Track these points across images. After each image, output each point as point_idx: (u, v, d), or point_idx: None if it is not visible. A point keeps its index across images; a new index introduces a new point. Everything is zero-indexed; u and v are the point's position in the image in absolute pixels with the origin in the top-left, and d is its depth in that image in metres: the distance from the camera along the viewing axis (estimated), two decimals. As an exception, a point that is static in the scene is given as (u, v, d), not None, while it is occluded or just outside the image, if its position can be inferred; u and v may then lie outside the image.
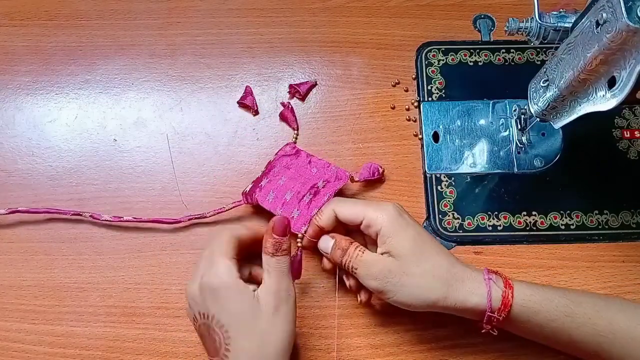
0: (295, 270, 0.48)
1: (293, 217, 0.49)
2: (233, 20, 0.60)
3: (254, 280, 0.46)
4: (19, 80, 0.58)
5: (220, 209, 0.52)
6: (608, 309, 0.44)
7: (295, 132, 0.55)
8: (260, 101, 0.57)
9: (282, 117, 0.56)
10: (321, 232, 0.48)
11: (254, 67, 0.58)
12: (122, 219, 0.52)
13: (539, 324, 0.43)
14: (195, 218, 0.52)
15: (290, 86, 0.57)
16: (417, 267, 0.43)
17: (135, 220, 0.52)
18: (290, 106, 0.56)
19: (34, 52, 0.59)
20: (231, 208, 0.52)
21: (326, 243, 0.47)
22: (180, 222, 0.52)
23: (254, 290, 0.42)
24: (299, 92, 0.57)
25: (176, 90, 0.58)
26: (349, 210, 0.46)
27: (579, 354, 0.46)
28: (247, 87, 0.57)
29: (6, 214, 0.52)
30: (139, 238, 0.52)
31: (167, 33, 0.59)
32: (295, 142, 0.55)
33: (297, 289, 0.50)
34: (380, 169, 0.53)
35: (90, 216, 0.52)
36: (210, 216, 0.52)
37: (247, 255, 0.46)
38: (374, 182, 0.54)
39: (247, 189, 0.52)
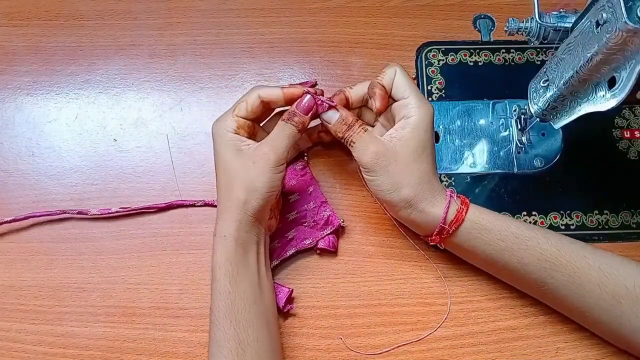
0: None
1: (271, 247, 0.50)
2: (233, 20, 0.60)
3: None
4: (19, 80, 0.58)
5: (213, 200, 0.53)
6: (558, 239, 0.45)
7: (306, 154, 0.55)
8: (260, 101, 0.57)
9: None
10: (346, 103, 0.49)
11: (254, 67, 0.58)
12: (110, 210, 0.52)
13: (488, 242, 0.45)
14: (186, 205, 0.53)
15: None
16: (410, 163, 0.45)
17: (123, 210, 0.52)
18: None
19: (34, 52, 0.59)
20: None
21: (331, 115, 0.48)
22: (171, 205, 0.53)
23: (249, 145, 0.46)
24: (299, 92, 0.57)
25: (176, 90, 0.58)
26: (406, 82, 0.47)
27: (520, 282, 0.48)
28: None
29: (22, 219, 0.52)
30: (138, 238, 0.52)
31: (167, 33, 0.59)
32: (307, 161, 0.55)
33: (296, 289, 0.50)
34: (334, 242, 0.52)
35: (78, 212, 0.52)
36: (199, 206, 0.53)
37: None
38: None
39: None
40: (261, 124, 0.50)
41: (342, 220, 0.51)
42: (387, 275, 0.51)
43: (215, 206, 0.51)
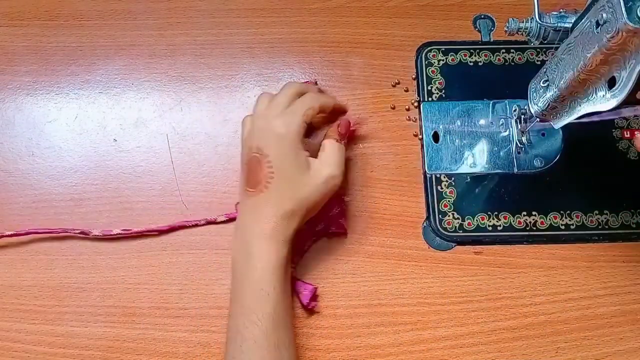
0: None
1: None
2: (233, 20, 0.60)
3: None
4: (19, 80, 0.58)
5: (215, 218, 0.53)
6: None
7: None
8: (260, 101, 0.57)
9: None
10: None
11: (254, 67, 0.58)
12: (111, 232, 0.52)
13: None
14: (188, 226, 0.53)
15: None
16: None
17: (125, 233, 0.52)
18: None
19: (34, 52, 0.59)
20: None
21: None
22: (173, 227, 0.53)
23: (308, 156, 0.47)
24: (299, 92, 0.57)
25: (176, 90, 0.58)
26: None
27: None
28: None
29: (24, 234, 0.52)
30: (139, 238, 0.52)
31: (167, 33, 0.59)
32: None
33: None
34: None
35: (80, 232, 0.52)
36: (201, 225, 0.53)
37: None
38: (372, 181, 0.54)
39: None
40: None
41: (346, 196, 0.52)
42: (387, 275, 0.51)
43: (216, 223, 0.52)
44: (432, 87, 0.57)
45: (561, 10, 0.44)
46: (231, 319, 0.45)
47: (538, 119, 0.48)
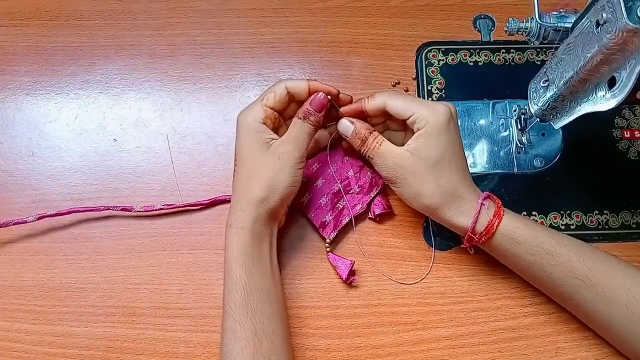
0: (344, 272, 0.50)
1: (325, 221, 0.51)
2: (233, 20, 0.60)
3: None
4: (19, 80, 0.58)
5: None
6: (591, 256, 0.45)
7: None
8: (260, 101, 0.57)
9: None
10: (361, 114, 0.49)
11: (254, 67, 0.58)
12: (154, 207, 0.52)
13: (517, 254, 0.45)
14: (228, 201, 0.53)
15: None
16: (428, 173, 0.45)
17: (167, 207, 0.52)
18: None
19: (34, 52, 0.59)
20: None
21: (346, 127, 0.49)
22: (215, 202, 0.53)
23: (274, 139, 0.47)
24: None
25: (176, 90, 0.58)
26: (400, 105, 0.46)
27: (551, 293, 0.48)
28: None
29: (35, 220, 0.51)
30: (138, 238, 0.52)
31: (167, 33, 0.59)
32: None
33: (296, 289, 0.50)
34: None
35: (122, 209, 0.52)
36: None
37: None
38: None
39: None
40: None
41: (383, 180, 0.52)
42: (387, 275, 0.51)
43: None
44: (432, 87, 0.57)
45: (561, 10, 0.44)
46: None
47: (538, 119, 0.48)
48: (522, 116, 0.53)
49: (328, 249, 0.51)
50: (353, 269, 0.50)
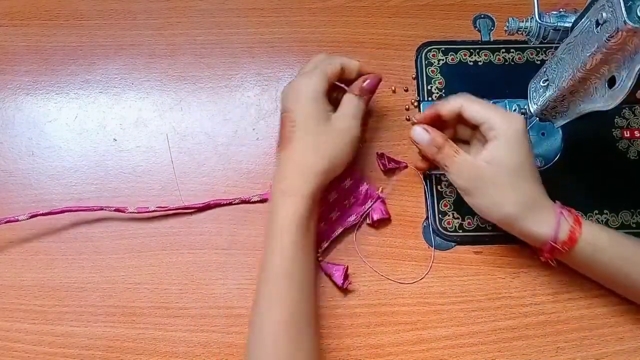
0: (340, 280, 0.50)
1: (318, 231, 0.50)
2: (233, 20, 0.60)
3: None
4: (19, 80, 0.58)
5: (249, 197, 0.53)
6: None
7: None
8: (260, 101, 0.57)
9: None
10: (437, 118, 0.49)
11: (254, 67, 0.58)
12: (148, 209, 0.52)
13: (603, 262, 0.45)
14: (223, 204, 0.53)
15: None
16: (508, 182, 0.45)
17: (161, 209, 0.52)
18: None
19: (34, 52, 0.59)
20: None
21: (422, 135, 0.49)
22: (209, 205, 0.53)
23: (330, 111, 0.48)
24: (299, 92, 0.57)
25: (176, 90, 0.58)
26: (477, 109, 0.46)
27: (633, 298, 0.48)
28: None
29: (27, 219, 0.51)
30: (138, 238, 0.52)
31: (166, 33, 0.59)
32: None
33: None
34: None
35: (115, 210, 0.52)
36: (235, 204, 0.53)
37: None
38: (372, 181, 0.54)
39: None
40: None
41: (379, 189, 0.53)
42: (387, 275, 0.51)
43: (250, 202, 0.53)
44: (432, 86, 0.57)
45: (561, 10, 0.44)
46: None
47: (538, 119, 0.48)
48: (522, 116, 0.53)
49: (320, 259, 0.51)
50: (347, 272, 0.50)
